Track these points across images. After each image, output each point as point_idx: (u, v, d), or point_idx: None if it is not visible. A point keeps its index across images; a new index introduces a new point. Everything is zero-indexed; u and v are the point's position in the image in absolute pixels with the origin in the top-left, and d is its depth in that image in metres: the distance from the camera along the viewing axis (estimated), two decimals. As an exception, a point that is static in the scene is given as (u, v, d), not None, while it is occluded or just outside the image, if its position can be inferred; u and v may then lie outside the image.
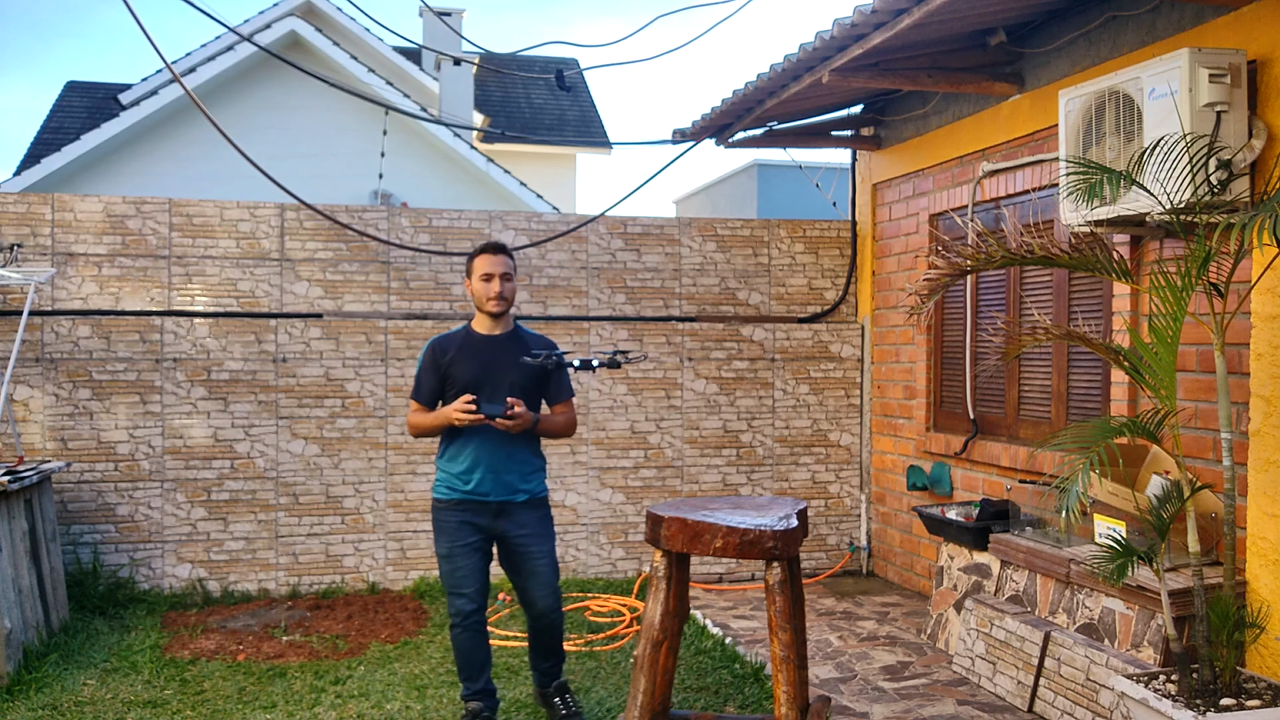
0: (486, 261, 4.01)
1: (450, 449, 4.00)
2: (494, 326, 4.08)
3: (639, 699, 3.46)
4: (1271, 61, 3.84)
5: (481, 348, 4.03)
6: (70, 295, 6.12)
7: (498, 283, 4.00)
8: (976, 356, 5.89)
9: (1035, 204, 5.31)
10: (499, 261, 4.01)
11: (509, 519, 3.98)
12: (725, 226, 7.06)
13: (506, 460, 3.96)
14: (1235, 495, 3.56)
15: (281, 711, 4.35)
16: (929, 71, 5.42)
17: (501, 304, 4.01)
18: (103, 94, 15.10)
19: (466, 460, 3.94)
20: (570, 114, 16.50)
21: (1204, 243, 3.32)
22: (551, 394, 4.16)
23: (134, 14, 5.00)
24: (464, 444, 3.95)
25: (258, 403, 6.31)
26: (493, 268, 4.00)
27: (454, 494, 3.95)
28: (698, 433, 6.94)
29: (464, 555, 3.94)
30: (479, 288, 4.02)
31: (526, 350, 4.03)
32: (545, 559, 4.03)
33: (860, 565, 7.06)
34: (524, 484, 4.01)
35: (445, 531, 3.96)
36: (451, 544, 3.94)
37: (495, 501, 3.95)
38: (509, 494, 3.97)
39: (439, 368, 4.01)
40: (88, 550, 6.02)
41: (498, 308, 4.01)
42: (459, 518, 3.94)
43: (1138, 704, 3.47)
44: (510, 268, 4.04)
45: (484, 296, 4.01)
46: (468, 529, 3.94)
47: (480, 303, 4.03)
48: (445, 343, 4.07)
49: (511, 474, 3.97)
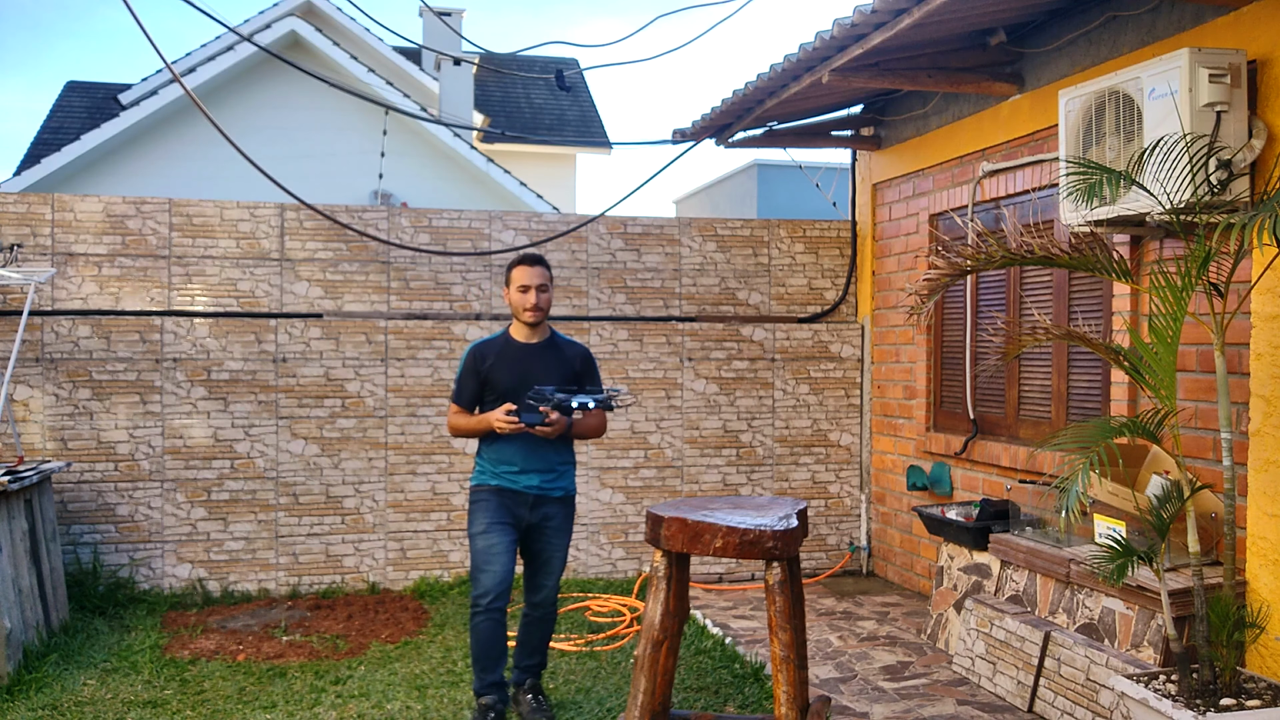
0: (524, 273, 4.20)
1: (493, 448, 4.21)
2: (531, 335, 4.27)
3: (639, 699, 3.46)
4: (1271, 61, 3.84)
5: (519, 355, 4.24)
6: (70, 295, 6.12)
7: (534, 294, 4.19)
8: (976, 356, 5.89)
9: (1035, 204, 5.31)
10: (536, 273, 4.20)
11: (542, 510, 4.22)
12: (725, 226, 7.06)
13: (544, 459, 4.21)
14: (1235, 495, 3.56)
15: (281, 711, 4.35)
16: (929, 71, 5.42)
17: (537, 314, 4.22)
18: (103, 94, 15.10)
19: (509, 457, 4.18)
20: (570, 114, 16.50)
21: (1204, 243, 3.32)
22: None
23: (134, 14, 5.00)
24: (506, 444, 4.17)
25: (258, 403, 6.31)
26: (529, 279, 4.19)
27: (497, 481, 4.19)
28: (698, 433, 6.94)
29: (499, 532, 4.12)
30: (516, 298, 4.21)
31: (562, 357, 4.28)
32: (561, 551, 4.30)
33: (860, 565, 7.06)
34: (560, 481, 4.27)
35: (484, 509, 4.17)
36: (489, 520, 4.14)
37: (534, 494, 4.19)
38: (547, 488, 4.22)
39: (479, 373, 4.22)
40: (88, 550, 6.02)
41: (534, 318, 4.22)
42: (499, 500, 4.17)
43: (1138, 704, 3.47)
44: (546, 279, 4.23)
45: (521, 307, 4.21)
46: (505, 511, 4.17)
47: (517, 313, 4.24)
48: (485, 349, 4.26)
49: (549, 471, 4.23)
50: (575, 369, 4.29)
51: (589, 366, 4.37)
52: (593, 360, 4.41)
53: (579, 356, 4.34)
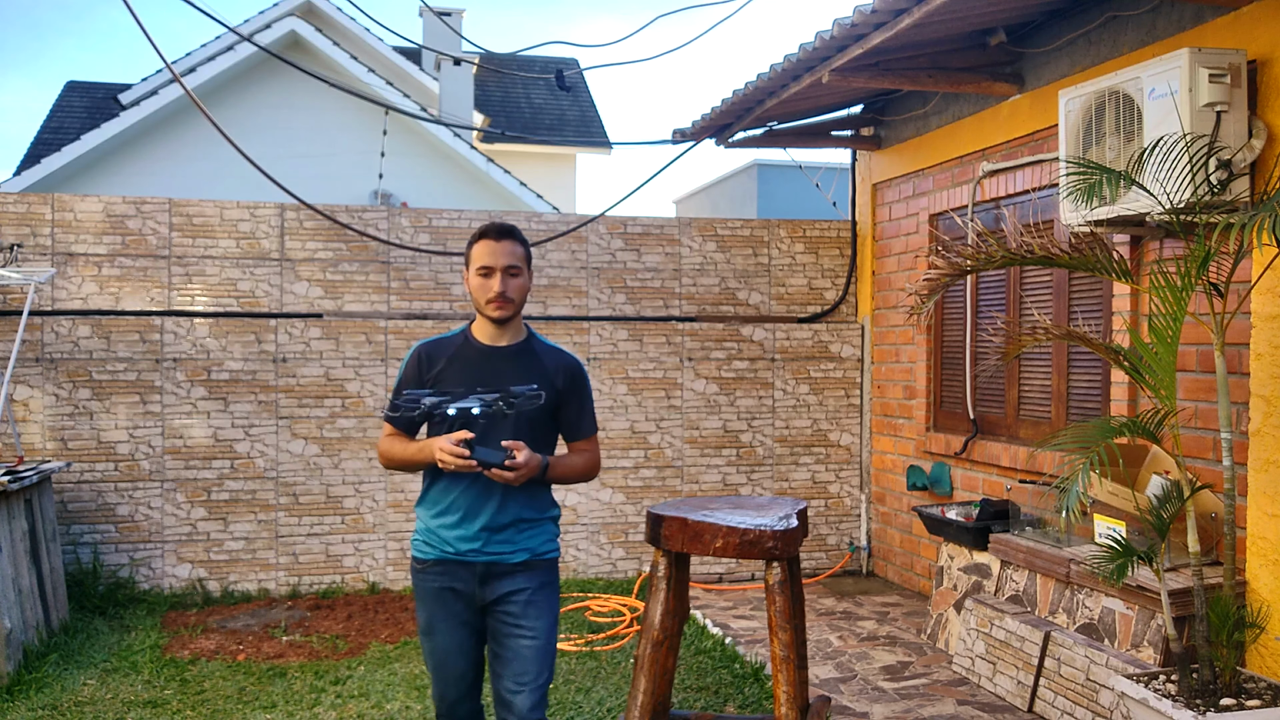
0: (486, 251, 2.93)
1: (432, 492, 3.01)
2: (499, 335, 3.01)
3: (639, 699, 3.46)
4: (1271, 61, 3.84)
5: (480, 361, 3.00)
6: (70, 295, 6.12)
7: (499, 279, 2.92)
8: (976, 356, 5.89)
9: (1035, 204, 5.31)
10: (502, 250, 2.93)
11: (498, 583, 2.94)
12: (725, 226, 7.06)
13: (502, 510, 2.93)
14: (1235, 495, 3.56)
15: (281, 711, 4.35)
16: (929, 71, 5.42)
17: (504, 307, 2.94)
18: (103, 94, 15.10)
19: (452, 509, 2.95)
20: (570, 114, 16.49)
21: (1204, 243, 3.32)
22: (569, 426, 3.10)
23: (134, 14, 5.00)
24: (449, 487, 2.95)
25: (258, 403, 6.31)
26: (494, 258, 2.92)
27: (434, 551, 2.97)
28: (698, 433, 6.94)
29: (447, 631, 2.98)
30: (476, 284, 2.96)
31: (540, 369, 3.01)
32: (535, 639, 2.93)
33: (860, 565, 7.06)
34: (523, 539, 2.96)
35: (424, 600, 3.01)
36: (431, 616, 2.99)
37: (483, 562, 2.93)
38: (501, 552, 2.93)
39: (424, 383, 3.00)
40: (88, 550, 6.02)
41: (500, 311, 2.94)
42: (440, 582, 2.96)
43: (1138, 704, 3.47)
44: (519, 258, 2.97)
45: (482, 297, 2.95)
46: (450, 597, 2.96)
47: (478, 303, 2.97)
48: (435, 350, 3.05)
49: (507, 527, 2.94)
50: (557, 386, 3.00)
51: (577, 386, 3.07)
52: (584, 378, 3.10)
53: (563, 370, 3.04)
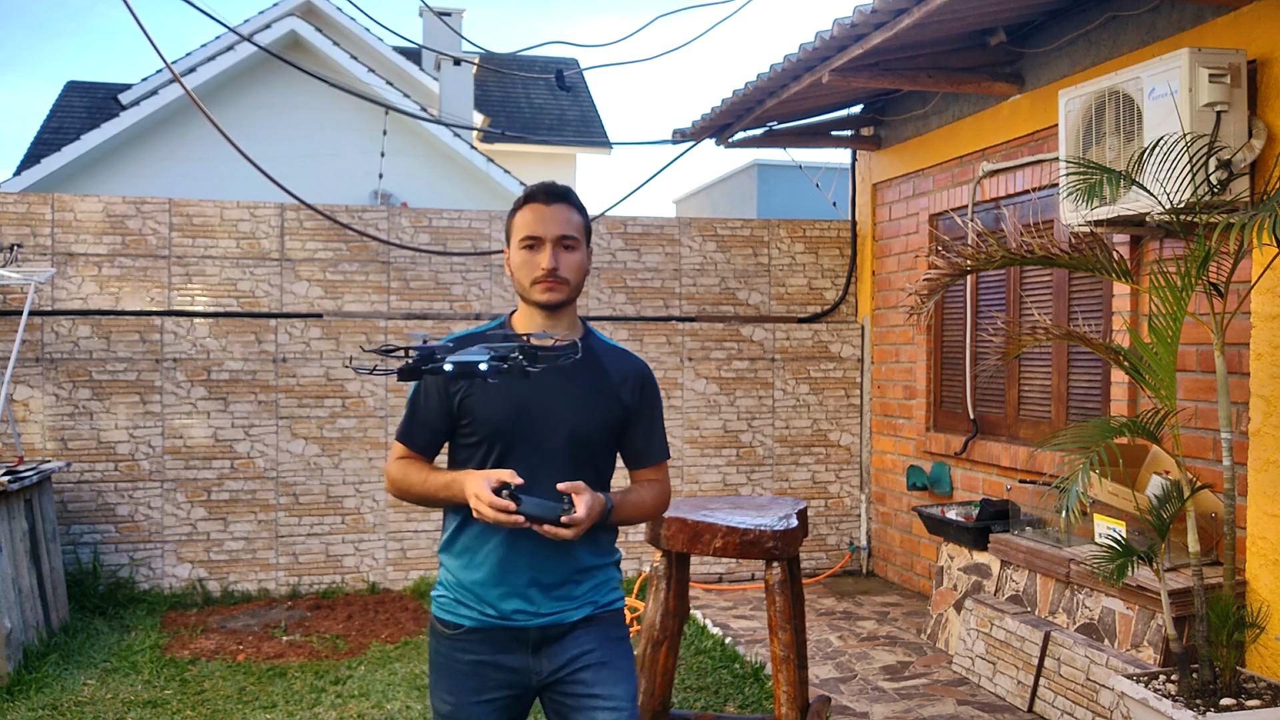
0: (532, 218, 2.23)
1: (462, 538, 2.25)
2: (549, 328, 2.27)
3: (639, 699, 3.46)
4: (1271, 61, 3.84)
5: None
6: (70, 295, 6.12)
7: (549, 252, 2.21)
8: (976, 356, 5.89)
9: (1035, 204, 5.31)
10: (553, 217, 2.22)
11: (556, 648, 2.22)
12: (725, 226, 7.06)
13: (552, 559, 2.21)
14: (1235, 495, 3.56)
15: (281, 711, 4.35)
16: (929, 71, 5.42)
17: (557, 288, 2.22)
18: (103, 94, 15.09)
19: (489, 561, 2.21)
20: (570, 114, 16.49)
21: (1204, 243, 3.32)
22: (634, 451, 2.36)
23: (134, 14, 5.00)
24: (486, 534, 2.21)
25: (258, 403, 6.31)
26: (541, 227, 2.22)
27: (467, 617, 2.22)
28: (698, 433, 6.94)
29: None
30: (519, 261, 2.25)
31: (603, 377, 2.29)
32: (619, 710, 2.21)
33: (860, 565, 7.06)
34: (584, 591, 2.26)
35: (450, 675, 2.24)
36: (458, 700, 2.22)
37: (537, 626, 2.21)
38: (559, 610, 2.22)
39: (448, 395, 2.23)
40: (88, 550, 6.02)
41: (549, 294, 2.22)
42: (474, 656, 2.21)
43: (1138, 704, 3.47)
44: (575, 227, 2.26)
45: (527, 276, 2.23)
46: (488, 677, 2.21)
47: (522, 286, 2.26)
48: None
49: (563, 580, 2.23)
50: (624, 401, 2.29)
51: (648, 399, 2.35)
52: (655, 388, 2.37)
53: (632, 379, 2.32)
